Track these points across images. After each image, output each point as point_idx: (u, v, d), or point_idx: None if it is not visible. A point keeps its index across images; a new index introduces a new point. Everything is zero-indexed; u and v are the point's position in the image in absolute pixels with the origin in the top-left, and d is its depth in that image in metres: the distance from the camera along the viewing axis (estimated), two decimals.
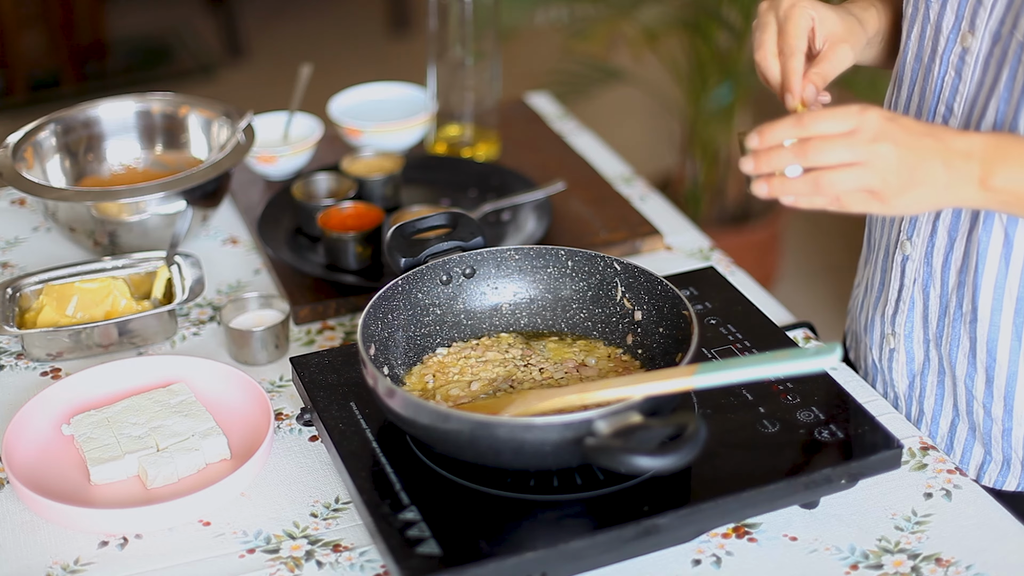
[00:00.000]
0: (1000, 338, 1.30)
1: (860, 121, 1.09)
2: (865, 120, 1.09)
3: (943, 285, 1.34)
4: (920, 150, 1.10)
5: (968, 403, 1.36)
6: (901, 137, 1.10)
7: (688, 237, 1.78)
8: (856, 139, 1.09)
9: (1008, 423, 1.34)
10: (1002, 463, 1.36)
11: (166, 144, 1.84)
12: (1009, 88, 1.22)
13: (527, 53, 4.06)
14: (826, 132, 1.09)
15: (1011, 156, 1.13)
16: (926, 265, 1.35)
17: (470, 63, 1.92)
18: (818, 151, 1.09)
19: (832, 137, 1.09)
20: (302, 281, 1.64)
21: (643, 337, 1.35)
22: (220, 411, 1.38)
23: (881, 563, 1.19)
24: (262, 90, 4.52)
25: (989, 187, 1.13)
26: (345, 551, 1.22)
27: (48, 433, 1.36)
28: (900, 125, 1.10)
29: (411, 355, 1.36)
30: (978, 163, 1.12)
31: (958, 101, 1.28)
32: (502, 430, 1.14)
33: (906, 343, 1.40)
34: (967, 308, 1.32)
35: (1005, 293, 1.29)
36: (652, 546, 1.18)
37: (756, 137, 1.12)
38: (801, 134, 1.10)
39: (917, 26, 1.33)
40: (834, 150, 1.09)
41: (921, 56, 1.33)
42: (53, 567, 1.21)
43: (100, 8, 4.66)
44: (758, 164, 1.12)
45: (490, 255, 1.40)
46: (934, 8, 1.30)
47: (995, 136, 1.14)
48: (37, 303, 1.54)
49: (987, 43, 1.25)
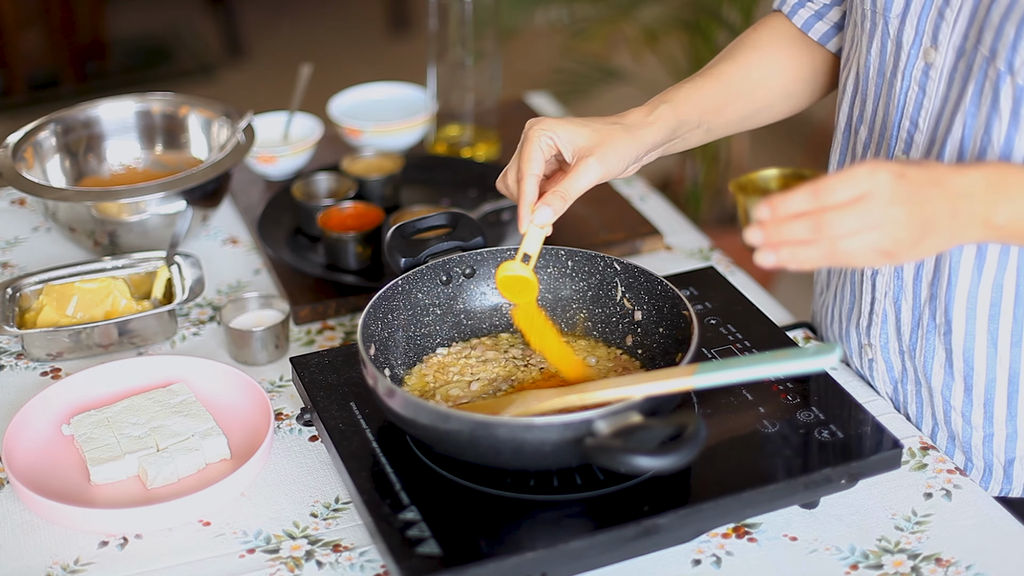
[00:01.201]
0: (976, 347, 1.30)
1: (872, 185, 1.06)
2: (876, 183, 1.06)
3: (915, 298, 1.33)
4: (929, 205, 1.08)
5: (946, 413, 1.35)
6: (912, 196, 1.07)
7: (688, 237, 1.78)
8: (870, 205, 1.06)
9: (989, 429, 1.33)
10: (984, 469, 1.36)
11: (166, 144, 1.84)
12: (976, 103, 1.21)
13: (527, 53, 4.06)
14: (841, 200, 1.06)
15: (1011, 191, 1.10)
16: (896, 279, 1.34)
17: (470, 63, 1.92)
18: (833, 226, 1.05)
19: (846, 206, 1.06)
20: (302, 281, 1.64)
21: (643, 337, 1.35)
22: (220, 411, 1.38)
23: (881, 563, 1.19)
24: (262, 90, 4.52)
25: (992, 226, 1.10)
26: (345, 551, 1.22)
27: (48, 433, 1.36)
28: (910, 181, 1.07)
29: (411, 355, 1.36)
30: (979, 203, 1.09)
31: (923, 116, 1.27)
32: (502, 430, 1.14)
33: (883, 353, 1.40)
34: (940, 320, 1.31)
35: (978, 302, 1.28)
36: (652, 546, 1.18)
37: (767, 210, 1.07)
38: (818, 205, 1.06)
39: (877, 41, 1.31)
40: (848, 221, 1.05)
41: (883, 71, 1.31)
42: (53, 567, 1.21)
43: (100, 8, 4.66)
44: (768, 236, 1.08)
45: (490, 255, 1.40)
46: (893, 24, 1.28)
47: (992, 169, 1.11)
48: (37, 303, 1.54)
49: (951, 58, 1.23)
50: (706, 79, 1.41)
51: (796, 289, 3.49)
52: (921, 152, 1.28)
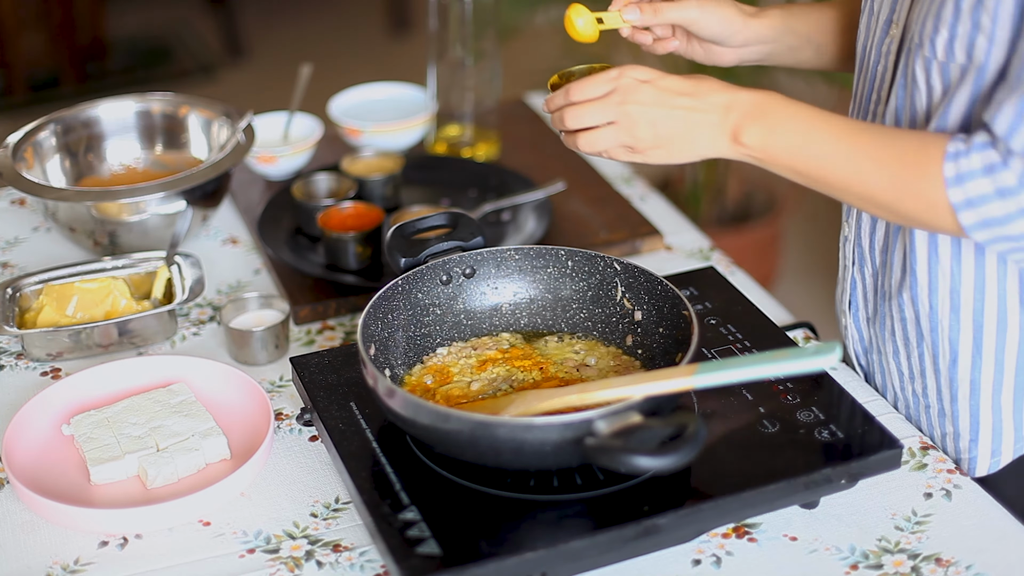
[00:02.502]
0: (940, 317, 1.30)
1: (616, 84, 1.21)
2: (620, 83, 1.21)
3: (872, 264, 1.37)
4: (667, 107, 1.19)
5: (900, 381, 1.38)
6: (649, 96, 1.20)
7: (688, 237, 1.78)
8: (607, 102, 1.21)
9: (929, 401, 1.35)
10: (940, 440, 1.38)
11: (166, 144, 1.84)
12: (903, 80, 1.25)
13: (527, 53, 4.06)
14: (588, 96, 1.21)
15: (768, 114, 1.18)
16: (858, 246, 1.38)
17: (470, 63, 1.92)
18: (573, 118, 1.22)
19: (587, 102, 1.21)
20: (302, 281, 1.64)
21: (643, 337, 1.35)
22: (220, 411, 1.38)
23: (881, 563, 1.19)
24: (262, 90, 4.52)
25: (740, 142, 1.19)
26: (345, 551, 1.22)
27: (48, 433, 1.36)
28: (655, 85, 1.20)
29: (411, 355, 1.36)
30: (736, 117, 1.19)
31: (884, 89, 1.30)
32: (502, 430, 1.14)
33: (854, 322, 1.43)
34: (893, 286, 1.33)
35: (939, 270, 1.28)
36: (652, 546, 1.18)
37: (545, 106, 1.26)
38: (570, 101, 1.22)
39: (864, 15, 1.34)
40: (587, 114, 1.21)
41: (867, 45, 1.34)
42: (53, 567, 1.21)
43: (100, 8, 4.66)
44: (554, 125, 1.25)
45: (490, 255, 1.40)
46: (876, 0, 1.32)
47: (762, 94, 1.19)
48: (37, 303, 1.54)
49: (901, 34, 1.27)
50: (824, 4, 1.46)
51: (796, 289, 3.49)
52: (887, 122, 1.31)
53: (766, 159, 1.19)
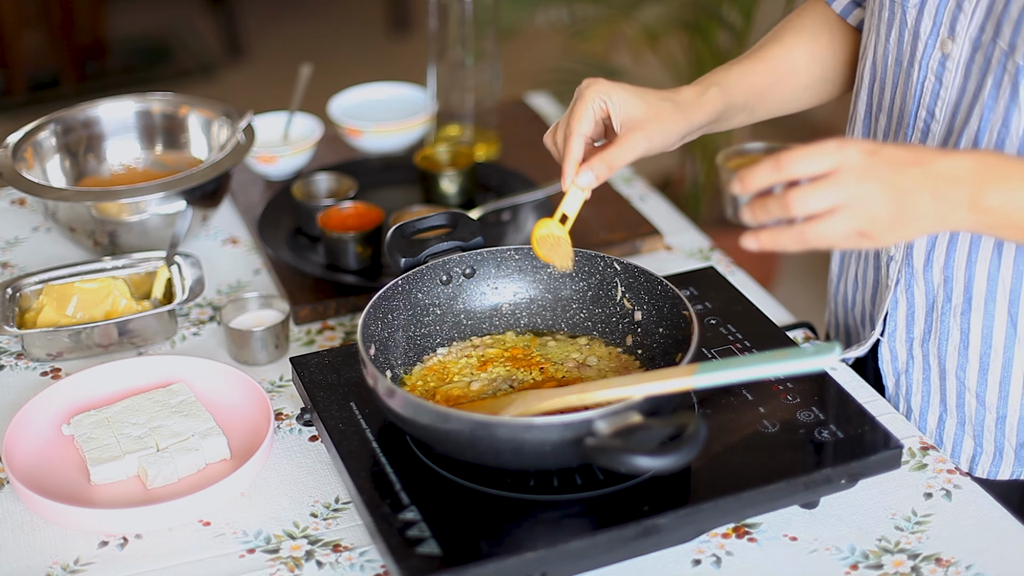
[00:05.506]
0: (995, 326, 1.31)
1: (841, 159, 1.04)
2: (846, 157, 1.04)
3: (927, 283, 1.35)
4: (906, 183, 1.05)
5: (959, 395, 1.36)
6: (885, 172, 1.05)
7: (688, 237, 1.78)
8: (839, 180, 1.04)
9: (1003, 410, 1.34)
10: (994, 453, 1.37)
11: (166, 144, 1.84)
12: (994, 96, 1.21)
13: (527, 53, 4.06)
14: (806, 173, 1.04)
15: (998, 177, 1.09)
16: (907, 266, 1.36)
17: (470, 63, 1.92)
18: (801, 203, 1.04)
19: (814, 183, 1.04)
20: (302, 281, 1.64)
21: (643, 337, 1.35)
22: (220, 411, 1.38)
23: (881, 563, 1.19)
24: (262, 90, 4.52)
25: (979, 210, 1.08)
26: (345, 551, 1.22)
27: (48, 433, 1.36)
28: (883, 158, 1.05)
29: (411, 355, 1.36)
30: (966, 187, 1.07)
31: (940, 107, 1.28)
32: (502, 430, 1.14)
33: (890, 342, 1.41)
34: (957, 300, 1.32)
35: (999, 283, 1.29)
36: (652, 546, 1.18)
37: (739, 186, 1.07)
38: (782, 178, 1.05)
39: (895, 30, 1.32)
40: (816, 197, 1.04)
41: (900, 60, 1.32)
42: (53, 567, 1.21)
43: (100, 8, 4.66)
44: (754, 216, 1.08)
45: (490, 255, 1.40)
46: (911, 13, 1.29)
47: (980, 156, 1.10)
48: (37, 303, 1.54)
49: (967, 50, 1.24)
50: (754, 62, 1.43)
51: (796, 289, 3.49)
52: (938, 142, 1.29)
53: (1002, 224, 1.10)
